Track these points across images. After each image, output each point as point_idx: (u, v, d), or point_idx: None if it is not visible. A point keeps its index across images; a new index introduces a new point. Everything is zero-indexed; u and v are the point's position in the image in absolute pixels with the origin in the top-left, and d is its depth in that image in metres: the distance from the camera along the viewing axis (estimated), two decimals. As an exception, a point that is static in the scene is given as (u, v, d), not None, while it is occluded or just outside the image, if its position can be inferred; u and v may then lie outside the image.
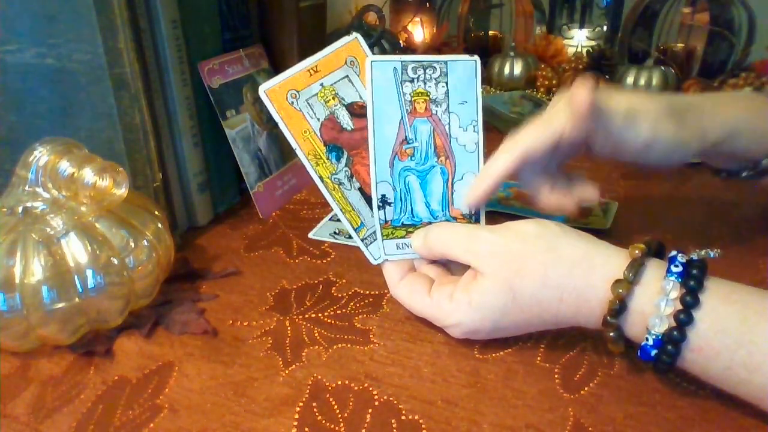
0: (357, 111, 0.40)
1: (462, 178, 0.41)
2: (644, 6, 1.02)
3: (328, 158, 0.40)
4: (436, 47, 1.10)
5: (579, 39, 1.17)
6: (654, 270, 0.32)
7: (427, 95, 0.40)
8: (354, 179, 0.40)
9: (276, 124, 0.39)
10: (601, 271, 0.33)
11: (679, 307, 0.30)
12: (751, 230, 0.53)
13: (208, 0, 0.51)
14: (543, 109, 0.87)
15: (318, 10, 0.67)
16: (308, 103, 0.39)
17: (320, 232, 0.53)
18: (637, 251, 0.32)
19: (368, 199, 0.40)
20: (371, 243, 0.41)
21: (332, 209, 0.56)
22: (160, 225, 0.41)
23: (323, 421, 0.32)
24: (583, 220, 0.54)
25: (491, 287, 0.34)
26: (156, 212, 0.41)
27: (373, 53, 0.40)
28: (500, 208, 0.55)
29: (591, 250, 0.34)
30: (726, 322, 0.29)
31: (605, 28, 1.17)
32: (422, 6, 1.17)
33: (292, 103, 0.39)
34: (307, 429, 0.32)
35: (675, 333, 0.30)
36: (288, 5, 0.60)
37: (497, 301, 0.34)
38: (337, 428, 0.32)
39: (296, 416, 0.32)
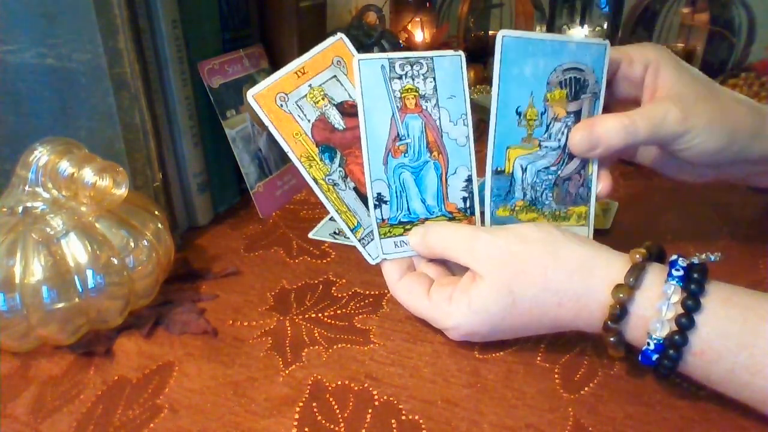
0: (348, 110, 0.40)
1: (455, 172, 0.41)
2: (644, 6, 1.02)
3: (321, 159, 0.39)
4: (436, 47, 1.10)
5: (579, 39, 1.17)
6: (655, 274, 0.32)
7: (416, 91, 0.39)
8: (348, 179, 0.40)
9: (267, 128, 0.39)
10: (601, 275, 0.32)
11: (681, 311, 0.30)
12: (751, 231, 0.53)
13: (208, 0, 0.51)
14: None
15: (318, 10, 0.67)
16: (298, 105, 0.39)
17: (320, 232, 0.53)
18: (637, 256, 0.32)
19: (364, 199, 0.40)
20: (368, 243, 0.41)
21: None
22: (160, 225, 0.41)
23: (323, 421, 0.32)
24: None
25: (490, 290, 0.34)
26: (156, 212, 0.41)
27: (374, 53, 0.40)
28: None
29: (591, 255, 0.33)
30: (728, 325, 0.29)
31: (605, 28, 1.16)
32: (422, 6, 1.17)
33: (282, 105, 0.38)
34: (307, 429, 0.32)
35: (677, 337, 0.30)
36: (288, 5, 0.60)
37: (496, 304, 0.34)
38: (337, 428, 0.32)
39: (296, 416, 0.32)
